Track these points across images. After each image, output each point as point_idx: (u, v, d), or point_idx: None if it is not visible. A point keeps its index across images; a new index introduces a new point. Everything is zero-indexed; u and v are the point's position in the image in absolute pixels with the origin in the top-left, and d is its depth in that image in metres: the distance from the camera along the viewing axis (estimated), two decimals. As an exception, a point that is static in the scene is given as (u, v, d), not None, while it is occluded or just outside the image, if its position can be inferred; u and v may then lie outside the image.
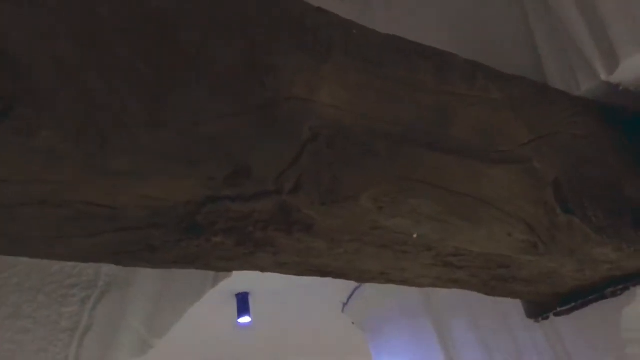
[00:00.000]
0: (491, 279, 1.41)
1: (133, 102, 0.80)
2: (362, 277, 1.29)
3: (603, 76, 1.35)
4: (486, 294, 1.55)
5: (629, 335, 1.46)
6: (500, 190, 1.13)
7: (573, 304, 1.57)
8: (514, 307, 1.79)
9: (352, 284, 2.75)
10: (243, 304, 2.52)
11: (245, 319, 2.54)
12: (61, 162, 0.73)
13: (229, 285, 2.53)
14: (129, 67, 0.82)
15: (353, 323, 3.10)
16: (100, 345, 1.25)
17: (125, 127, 0.77)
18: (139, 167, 0.77)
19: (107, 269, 1.28)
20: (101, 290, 1.27)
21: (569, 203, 1.20)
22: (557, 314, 1.62)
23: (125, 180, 0.76)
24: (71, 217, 0.81)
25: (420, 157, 1.03)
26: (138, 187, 0.77)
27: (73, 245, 0.89)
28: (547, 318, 1.65)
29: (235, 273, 2.46)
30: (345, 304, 2.96)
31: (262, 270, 1.15)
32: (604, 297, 1.49)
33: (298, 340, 3.37)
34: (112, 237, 0.88)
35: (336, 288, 2.80)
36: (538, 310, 1.66)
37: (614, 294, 1.47)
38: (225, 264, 1.09)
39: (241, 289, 2.50)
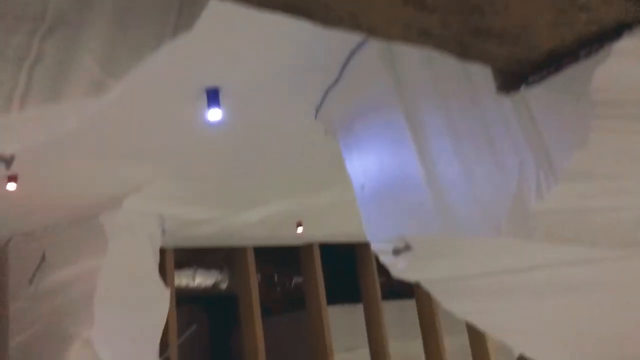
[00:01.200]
0: (465, 31, 1.35)
1: None
2: (328, 16, 1.22)
3: None
4: (459, 55, 1.50)
5: (600, 96, 1.44)
6: None
7: (545, 71, 1.53)
8: (485, 84, 1.74)
9: (326, 86, 2.69)
10: (213, 99, 2.47)
11: (215, 115, 2.49)
12: None
13: (198, 79, 2.45)
14: None
15: (325, 132, 3.09)
16: (52, 80, 1.20)
17: None
18: None
19: (55, 4, 1.19)
20: (49, 25, 1.19)
21: None
22: (528, 84, 1.59)
23: None
24: None
25: None
26: None
27: None
28: (518, 89, 1.62)
29: (204, 63, 2.39)
30: (318, 109, 2.93)
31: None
32: (577, 59, 1.45)
33: (269, 147, 3.38)
34: None
35: (310, 90, 2.74)
36: (509, 81, 1.62)
37: (587, 55, 1.42)
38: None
39: (211, 83, 2.43)
